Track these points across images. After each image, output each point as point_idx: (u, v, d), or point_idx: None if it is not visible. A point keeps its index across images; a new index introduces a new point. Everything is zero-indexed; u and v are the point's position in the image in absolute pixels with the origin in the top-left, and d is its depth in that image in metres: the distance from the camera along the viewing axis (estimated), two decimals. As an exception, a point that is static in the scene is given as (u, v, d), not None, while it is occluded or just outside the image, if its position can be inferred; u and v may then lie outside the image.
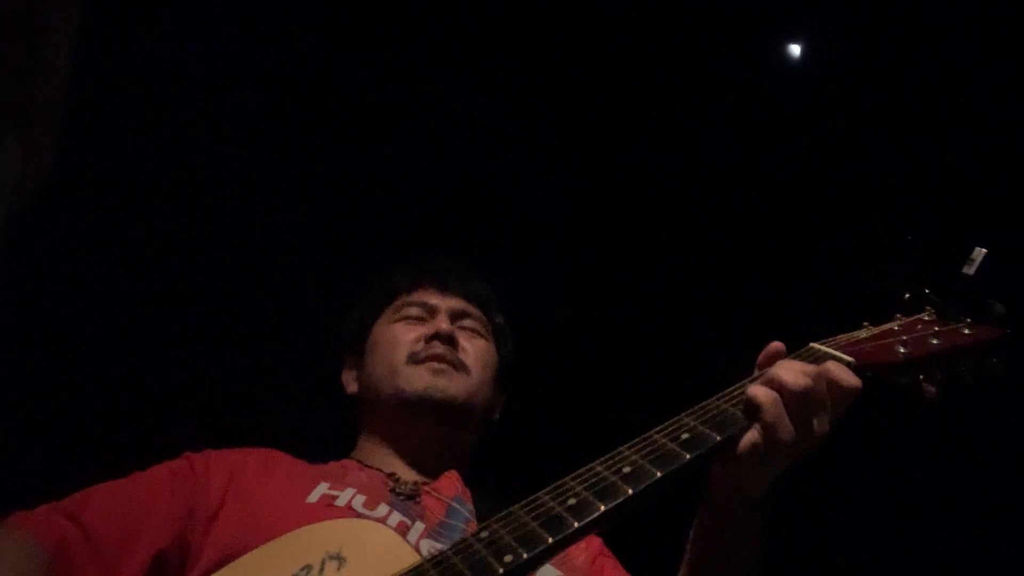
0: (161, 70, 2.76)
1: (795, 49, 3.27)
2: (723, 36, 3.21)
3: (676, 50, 3.20)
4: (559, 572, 1.53)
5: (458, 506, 1.59)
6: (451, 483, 1.66)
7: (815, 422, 1.26)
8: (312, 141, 2.96)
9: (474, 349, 1.82)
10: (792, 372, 1.27)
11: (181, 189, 2.75)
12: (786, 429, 1.24)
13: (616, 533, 1.61)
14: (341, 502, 1.53)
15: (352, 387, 1.88)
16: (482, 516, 1.55)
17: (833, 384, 1.29)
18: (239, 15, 2.82)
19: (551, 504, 1.17)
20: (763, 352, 1.36)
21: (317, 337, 2.04)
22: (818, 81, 3.23)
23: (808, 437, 1.25)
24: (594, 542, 1.65)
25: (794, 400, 1.25)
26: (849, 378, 1.32)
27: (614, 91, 3.21)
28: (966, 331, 1.45)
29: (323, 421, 1.97)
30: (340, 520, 1.39)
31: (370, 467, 1.71)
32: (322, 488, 1.56)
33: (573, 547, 1.53)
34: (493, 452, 1.87)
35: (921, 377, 1.42)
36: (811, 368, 1.29)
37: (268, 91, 2.90)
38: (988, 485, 2.79)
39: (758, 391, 1.26)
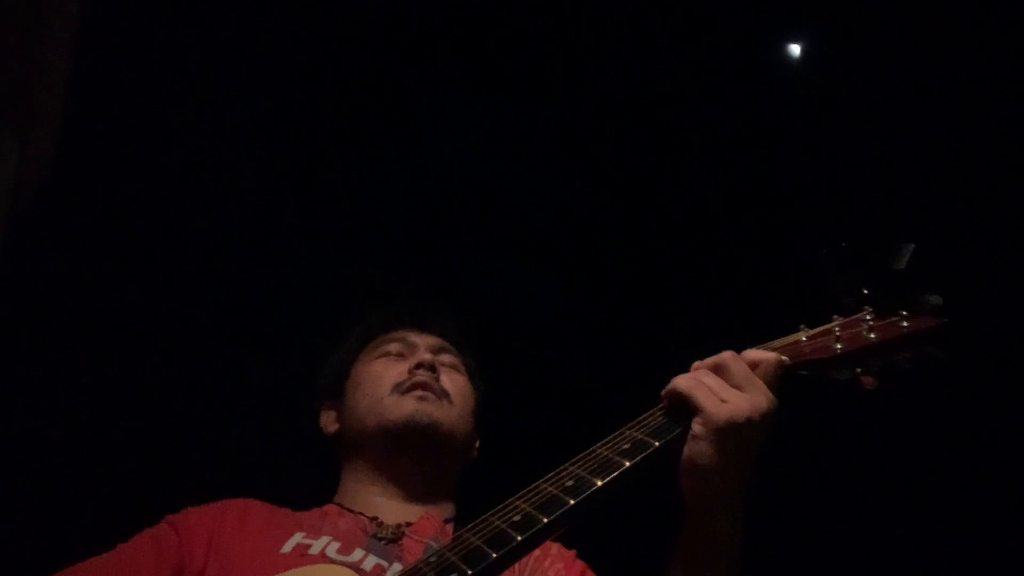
0: (161, 70, 2.76)
1: (795, 49, 3.27)
2: (723, 36, 3.20)
3: (676, 50, 3.20)
4: None
5: (436, 545, 1.57)
6: (430, 523, 1.66)
7: (744, 393, 1.30)
8: (310, 143, 2.97)
9: (454, 382, 1.82)
10: (706, 360, 1.36)
11: (180, 189, 2.76)
12: (717, 405, 1.28)
13: (599, 544, 1.63)
14: (315, 550, 1.52)
15: (332, 427, 1.87)
16: None
17: (754, 363, 1.36)
18: (238, 17, 2.82)
19: (496, 522, 1.21)
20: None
21: (304, 378, 2.04)
22: (818, 81, 3.23)
23: (742, 409, 1.28)
24: (575, 568, 1.63)
25: (711, 379, 1.32)
26: (762, 353, 1.39)
27: (613, 91, 3.21)
28: (904, 324, 1.46)
29: (305, 467, 1.97)
30: (307, 567, 1.40)
31: (352, 511, 1.69)
32: (297, 537, 1.55)
33: (550, 569, 1.54)
34: (475, 485, 1.87)
35: (859, 370, 1.44)
36: (726, 352, 1.36)
37: (268, 91, 2.91)
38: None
39: (678, 381, 1.33)
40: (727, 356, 1.36)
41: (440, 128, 3.09)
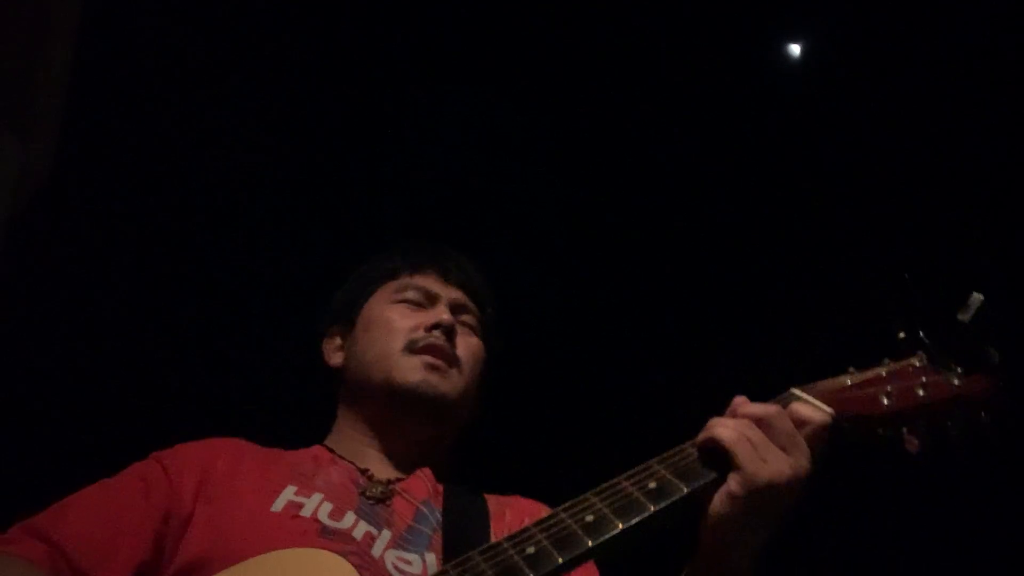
0: (161, 70, 2.77)
1: (795, 49, 3.26)
2: (723, 36, 3.20)
3: (676, 49, 3.20)
4: None
5: (427, 511, 1.57)
6: (422, 483, 1.64)
7: (787, 456, 1.25)
8: (310, 140, 2.97)
9: (467, 347, 1.77)
10: (752, 409, 1.28)
11: (179, 188, 2.76)
12: (759, 466, 1.23)
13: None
14: (307, 511, 1.49)
15: (336, 359, 1.82)
16: (449, 520, 1.53)
17: (800, 422, 1.29)
18: (239, 15, 2.82)
19: (510, 552, 1.16)
20: (728, 409, 1.33)
21: (296, 323, 2.00)
22: (818, 81, 3.22)
23: (783, 473, 1.23)
24: None
25: (757, 435, 1.25)
26: (811, 412, 1.31)
27: (613, 91, 3.21)
28: (956, 381, 1.39)
29: (297, 401, 1.94)
30: (298, 549, 1.37)
31: (343, 458, 1.66)
32: (288, 493, 1.52)
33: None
34: (471, 445, 1.85)
35: (905, 430, 1.37)
36: (773, 407, 1.29)
37: (268, 90, 2.91)
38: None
39: (720, 431, 1.26)
40: (774, 412, 1.28)
41: (440, 122, 3.09)
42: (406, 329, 1.73)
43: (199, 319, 2.68)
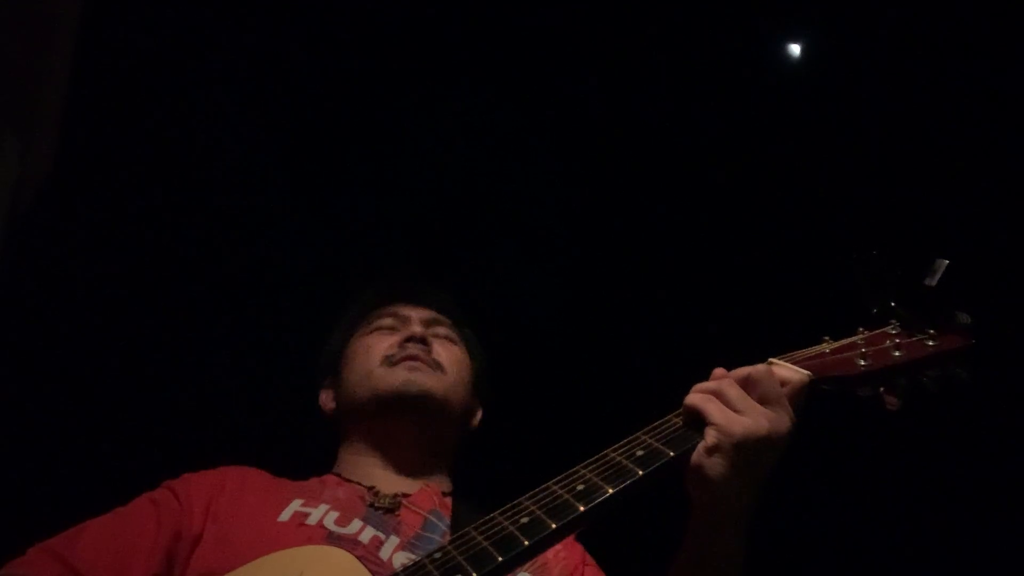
0: (161, 70, 2.77)
1: (795, 49, 3.26)
2: (723, 36, 3.20)
3: (676, 49, 3.20)
4: None
5: (435, 520, 1.59)
6: (428, 496, 1.67)
7: (767, 410, 1.27)
8: (312, 140, 2.97)
9: (448, 353, 1.84)
10: (737, 370, 1.32)
11: (180, 189, 2.76)
12: (730, 418, 1.25)
13: (601, 541, 1.63)
14: (313, 520, 1.53)
15: (330, 404, 1.89)
16: (458, 527, 1.53)
17: (780, 383, 1.32)
18: (238, 16, 2.82)
19: (504, 523, 1.19)
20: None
21: (305, 352, 2.05)
22: (818, 81, 3.22)
23: (761, 426, 1.24)
24: (575, 551, 1.65)
25: (734, 391, 1.28)
26: (791, 371, 1.35)
27: (613, 91, 3.21)
28: (930, 343, 1.44)
29: (308, 439, 1.98)
30: (303, 547, 1.39)
31: (350, 481, 1.70)
32: (295, 505, 1.56)
33: (552, 557, 1.55)
34: (475, 461, 1.88)
35: (882, 389, 1.41)
36: (760, 365, 1.33)
37: (269, 91, 2.91)
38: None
39: (693, 396, 1.30)
40: (762, 370, 1.32)
41: (440, 121, 3.09)
42: (382, 347, 1.80)
43: (200, 319, 2.68)
